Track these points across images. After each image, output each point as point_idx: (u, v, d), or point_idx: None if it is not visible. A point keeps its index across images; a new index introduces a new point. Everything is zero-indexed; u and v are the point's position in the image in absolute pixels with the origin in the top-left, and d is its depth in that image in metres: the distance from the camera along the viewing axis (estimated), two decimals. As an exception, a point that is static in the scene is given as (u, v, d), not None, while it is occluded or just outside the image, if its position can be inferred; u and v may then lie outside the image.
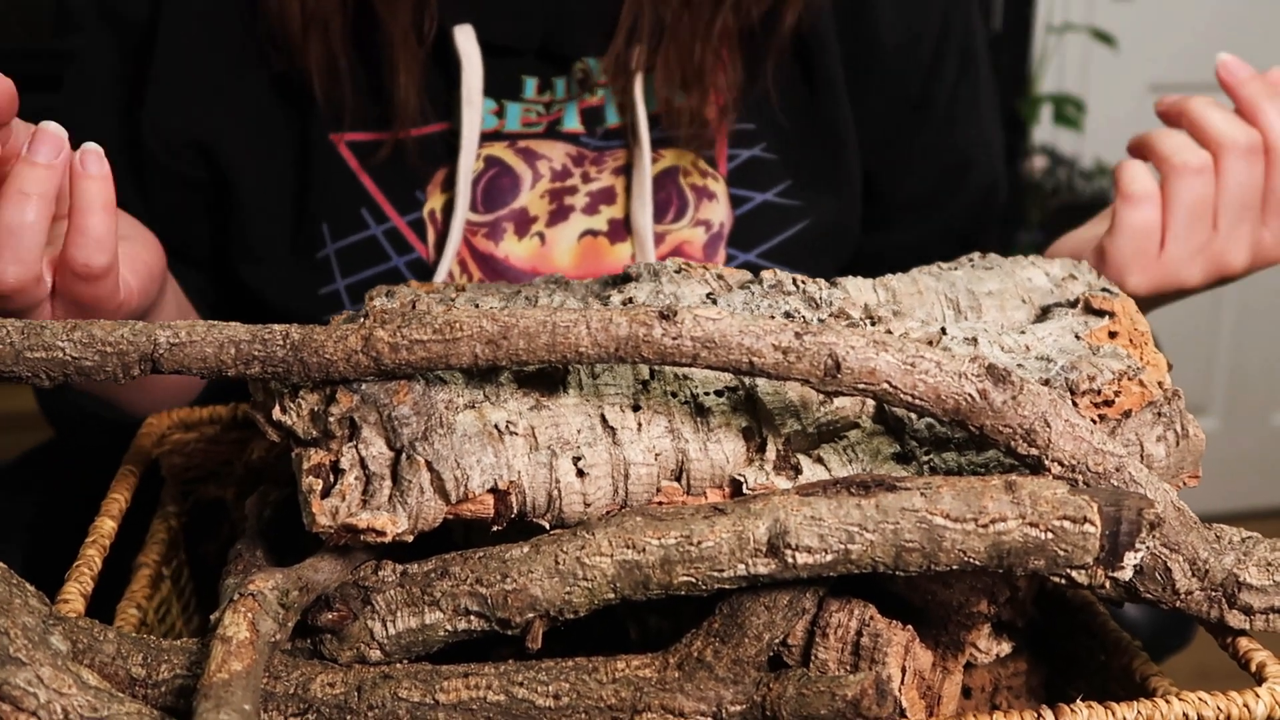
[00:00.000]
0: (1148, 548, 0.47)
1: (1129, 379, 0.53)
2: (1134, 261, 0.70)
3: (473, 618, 0.48)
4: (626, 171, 0.83)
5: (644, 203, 0.81)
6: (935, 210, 0.92)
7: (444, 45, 0.79)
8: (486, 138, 0.82)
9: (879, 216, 0.91)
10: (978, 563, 0.46)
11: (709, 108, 0.81)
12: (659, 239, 0.82)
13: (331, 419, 0.49)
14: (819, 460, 0.51)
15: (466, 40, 0.78)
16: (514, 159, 0.82)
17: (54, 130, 0.56)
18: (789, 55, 0.84)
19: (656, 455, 0.51)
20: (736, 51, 0.82)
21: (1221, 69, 0.69)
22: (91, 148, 0.57)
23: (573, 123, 0.83)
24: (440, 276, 0.80)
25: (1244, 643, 0.51)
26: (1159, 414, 0.54)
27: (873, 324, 0.57)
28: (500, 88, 0.81)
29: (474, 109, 0.79)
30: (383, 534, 0.48)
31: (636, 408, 0.51)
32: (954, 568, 0.46)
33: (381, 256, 0.81)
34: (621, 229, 0.83)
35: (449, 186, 0.81)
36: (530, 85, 0.82)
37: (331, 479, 0.49)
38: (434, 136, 0.80)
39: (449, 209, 0.81)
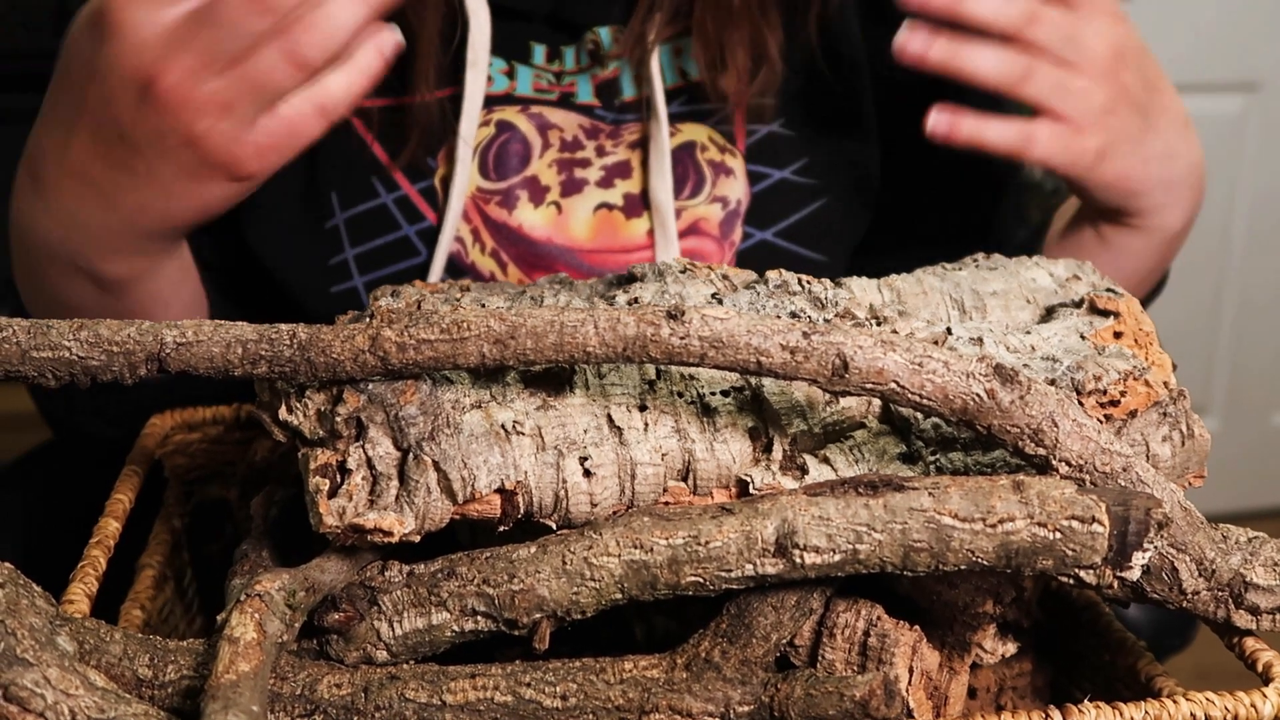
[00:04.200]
0: (1156, 548, 0.47)
1: (1135, 379, 0.53)
2: (1120, 192, 0.72)
3: (480, 618, 0.48)
4: (643, 145, 0.82)
5: (663, 177, 0.80)
6: (951, 193, 0.91)
7: (453, 7, 0.78)
8: (497, 100, 0.81)
9: (897, 201, 0.90)
10: (986, 563, 0.46)
11: (736, 81, 0.81)
12: (675, 214, 0.82)
13: (338, 419, 0.49)
14: (825, 460, 0.51)
15: (475, 1, 0.78)
16: (526, 125, 0.81)
17: None
18: (814, 36, 0.83)
19: (663, 455, 0.51)
20: (778, 15, 0.82)
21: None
22: (394, 31, 0.61)
23: (587, 96, 0.82)
24: (444, 243, 0.79)
25: (1250, 643, 0.51)
26: (1164, 414, 0.54)
27: (878, 324, 0.57)
28: (510, 49, 0.81)
29: (479, 71, 0.78)
30: (389, 534, 0.48)
31: (643, 408, 0.51)
32: (962, 568, 0.46)
33: (392, 225, 0.80)
34: (638, 203, 0.82)
35: None
36: (539, 52, 0.82)
37: (338, 479, 0.49)
38: (445, 101, 0.79)
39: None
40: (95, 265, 0.66)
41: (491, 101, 0.81)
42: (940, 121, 0.69)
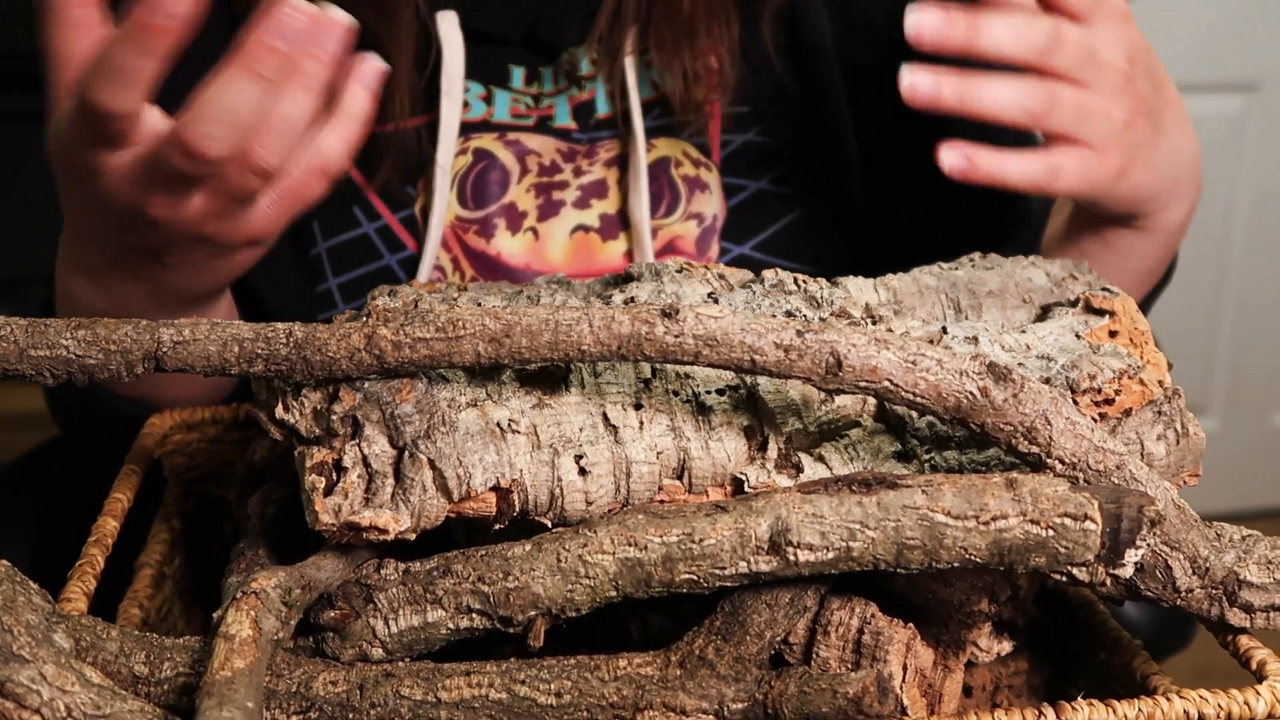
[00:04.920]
0: (1148, 545, 0.47)
1: (1129, 377, 0.54)
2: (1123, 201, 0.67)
3: (475, 616, 0.48)
4: (618, 163, 0.82)
5: (640, 192, 0.79)
6: (938, 190, 0.89)
7: (428, 33, 0.78)
8: (475, 128, 0.81)
9: (885, 196, 0.89)
10: (979, 560, 0.46)
11: (703, 87, 0.80)
12: (651, 234, 0.81)
13: (334, 417, 0.49)
14: (820, 459, 0.51)
15: (449, 27, 0.78)
16: (503, 152, 0.81)
17: (341, 20, 0.53)
18: (780, 33, 0.82)
19: (658, 453, 0.51)
20: (734, 11, 0.80)
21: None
22: (373, 60, 0.56)
23: (564, 119, 0.82)
24: (424, 274, 0.79)
25: (1244, 641, 0.51)
26: (1159, 412, 0.54)
27: (874, 323, 0.57)
28: (488, 74, 0.80)
29: (454, 99, 0.78)
30: (385, 532, 0.48)
31: (638, 406, 0.51)
32: (955, 565, 0.46)
33: (374, 254, 0.80)
34: (614, 224, 0.81)
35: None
36: (518, 75, 0.81)
37: (334, 477, 0.49)
38: (421, 129, 0.79)
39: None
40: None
41: (469, 129, 0.80)
42: (955, 159, 0.61)
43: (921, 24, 0.58)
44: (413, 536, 0.49)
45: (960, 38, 0.59)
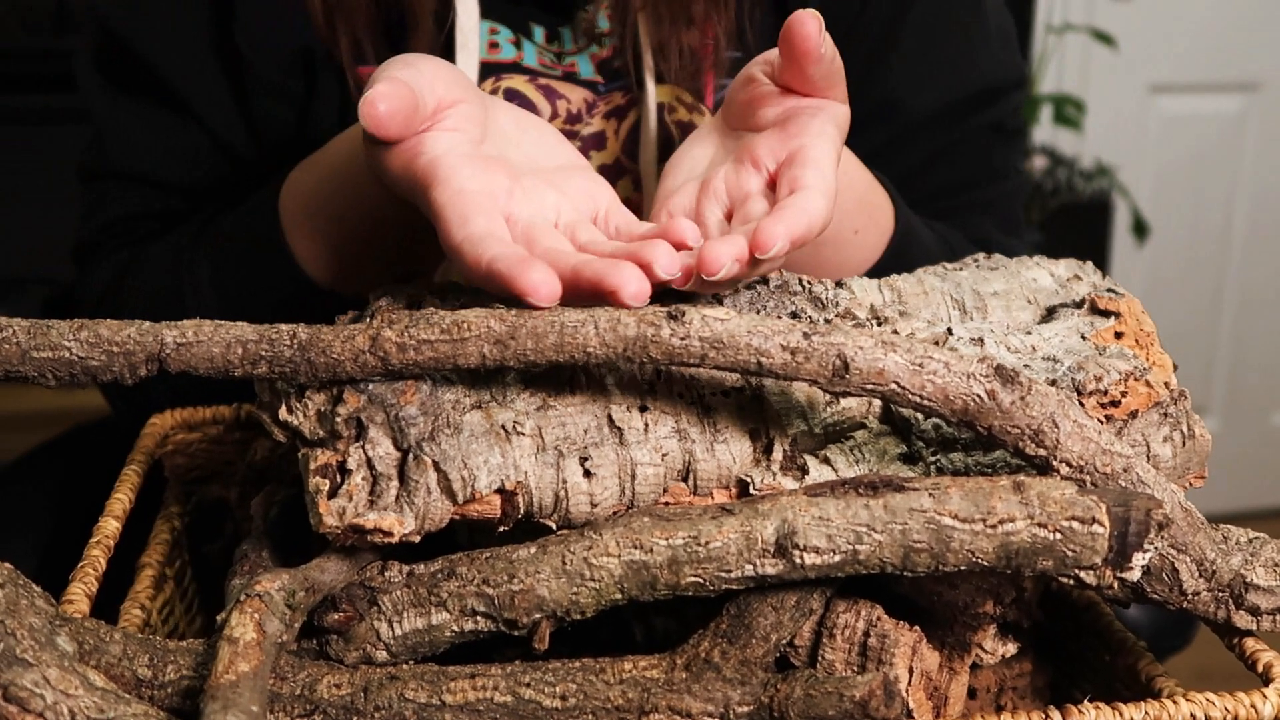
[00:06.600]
0: (1156, 548, 0.47)
1: (1135, 379, 0.53)
2: None
3: (479, 618, 0.48)
4: (616, 115, 0.83)
5: (649, 143, 0.80)
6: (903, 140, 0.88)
7: None
8: (506, 69, 0.82)
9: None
10: (986, 563, 0.46)
11: (701, 36, 0.80)
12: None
13: (338, 419, 0.49)
14: (825, 461, 0.51)
15: None
16: (534, 93, 0.82)
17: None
18: None
19: (663, 456, 0.50)
20: None
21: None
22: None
23: (589, 73, 0.83)
24: None
25: (1250, 643, 0.51)
26: (1165, 414, 0.54)
27: (879, 324, 0.57)
28: (513, 26, 0.82)
29: (469, 54, 0.79)
30: (390, 534, 0.48)
31: (644, 408, 0.51)
32: (962, 568, 0.46)
33: None
34: (611, 174, 0.82)
35: None
36: (538, 33, 0.83)
37: (338, 479, 0.49)
38: None
39: None
40: None
41: (501, 69, 0.81)
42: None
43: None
44: (417, 539, 0.49)
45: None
